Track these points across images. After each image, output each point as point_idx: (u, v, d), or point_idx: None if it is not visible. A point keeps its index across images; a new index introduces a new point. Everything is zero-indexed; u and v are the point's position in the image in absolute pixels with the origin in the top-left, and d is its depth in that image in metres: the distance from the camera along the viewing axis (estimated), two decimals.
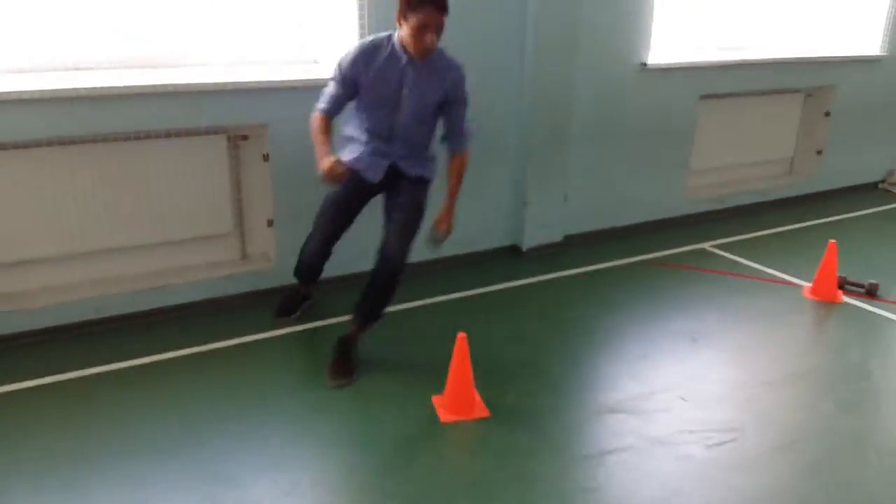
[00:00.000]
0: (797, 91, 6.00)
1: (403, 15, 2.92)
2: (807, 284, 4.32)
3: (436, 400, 3.00)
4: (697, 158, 5.54)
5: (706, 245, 5.03)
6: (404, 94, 3.09)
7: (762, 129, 5.97)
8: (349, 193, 3.27)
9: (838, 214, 5.81)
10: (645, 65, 4.92)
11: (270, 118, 3.75)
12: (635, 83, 4.93)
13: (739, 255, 4.84)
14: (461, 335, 2.90)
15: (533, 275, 4.42)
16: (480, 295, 4.15)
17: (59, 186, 3.37)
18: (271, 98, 3.71)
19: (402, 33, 2.99)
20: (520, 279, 4.35)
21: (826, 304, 4.13)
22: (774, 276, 4.51)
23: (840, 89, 6.08)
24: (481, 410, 2.95)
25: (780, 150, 6.21)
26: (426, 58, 3.03)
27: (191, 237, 3.78)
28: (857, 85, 6.17)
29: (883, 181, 6.72)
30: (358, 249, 3.70)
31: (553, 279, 4.39)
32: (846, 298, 4.16)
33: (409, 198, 3.24)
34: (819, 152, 6.24)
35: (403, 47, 3.02)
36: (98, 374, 3.17)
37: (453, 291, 4.15)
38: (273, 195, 3.88)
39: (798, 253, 4.90)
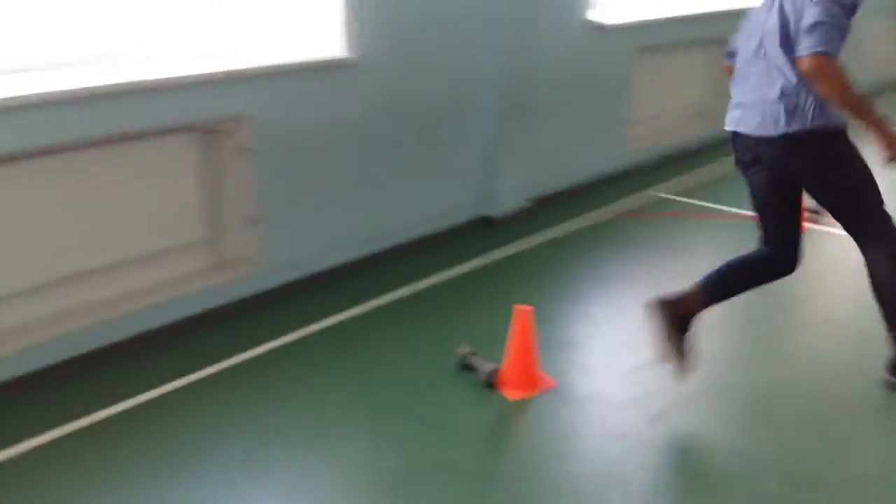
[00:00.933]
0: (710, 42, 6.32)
1: None
2: None
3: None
4: (636, 110, 5.72)
5: (661, 192, 5.23)
6: None
7: (687, 79, 6.26)
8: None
9: None
10: (588, 22, 4.99)
11: (250, 109, 3.45)
12: (580, 41, 4.99)
13: (698, 199, 5.07)
14: (523, 308, 2.83)
15: (511, 241, 4.40)
16: (492, 263, 4.09)
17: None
18: (250, 87, 3.42)
19: None
20: (508, 247, 4.33)
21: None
22: (738, 212, 4.77)
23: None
24: (546, 383, 2.91)
25: (695, 98, 6.54)
26: None
27: (161, 249, 3.42)
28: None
29: None
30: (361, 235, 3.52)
31: (534, 247, 4.39)
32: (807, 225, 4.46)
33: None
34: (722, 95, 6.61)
35: None
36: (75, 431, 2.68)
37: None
38: (257, 191, 3.59)
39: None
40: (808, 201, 2.81)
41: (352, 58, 3.77)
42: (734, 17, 6.27)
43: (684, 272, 3.88)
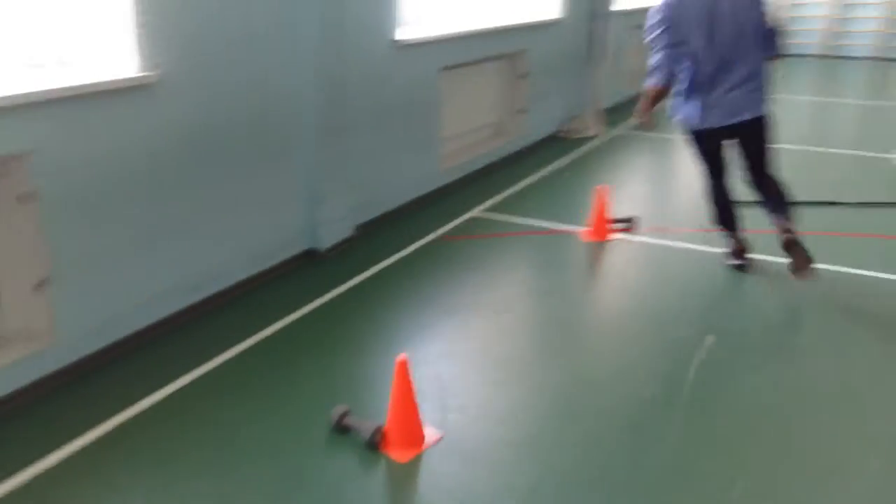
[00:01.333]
0: (501, 58, 6.50)
1: None
2: (580, 229, 4.78)
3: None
4: (445, 129, 5.68)
5: (475, 211, 5.22)
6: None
7: (484, 95, 6.37)
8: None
9: (560, 158, 6.52)
10: (396, 41, 4.82)
11: (28, 145, 2.76)
12: (389, 60, 4.80)
13: (510, 215, 5.13)
14: (401, 359, 2.55)
15: (343, 276, 4.08)
16: (327, 303, 3.71)
17: None
18: (28, 118, 2.74)
19: None
20: (340, 284, 4.00)
21: (601, 244, 4.60)
22: (551, 227, 4.89)
23: (530, 52, 6.75)
24: (433, 436, 2.65)
25: (492, 113, 6.70)
26: None
27: None
28: (543, 46, 6.92)
29: (559, 131, 7.70)
30: None
31: (367, 279, 4.12)
32: (616, 235, 4.70)
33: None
34: (521, 111, 6.87)
35: None
36: None
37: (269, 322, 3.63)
38: (43, 245, 2.89)
39: (551, 202, 5.43)
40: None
41: (149, 78, 3.20)
42: (528, 31, 6.69)
43: (520, 293, 3.95)
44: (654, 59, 3.75)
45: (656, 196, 5.16)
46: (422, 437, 2.61)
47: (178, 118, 3.39)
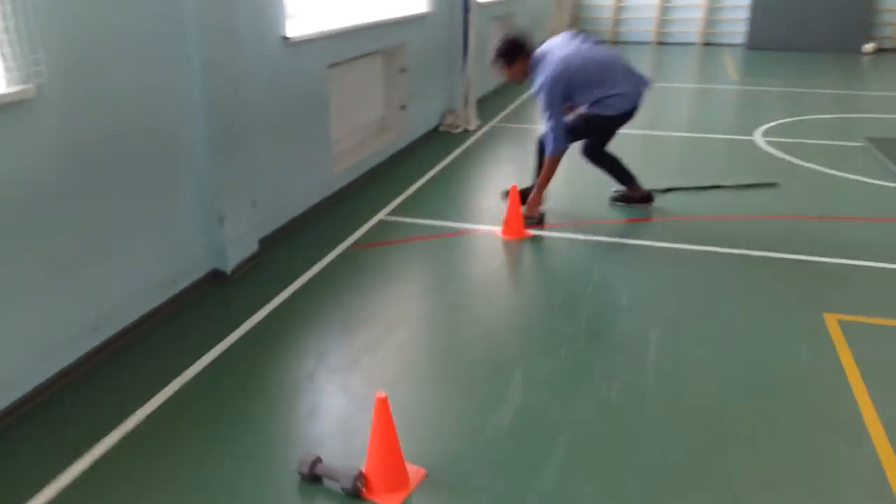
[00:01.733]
0: (381, 53, 6.27)
1: None
2: (494, 227, 4.70)
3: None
4: (336, 129, 5.38)
5: (381, 215, 4.99)
6: None
7: (366, 93, 6.11)
8: None
9: (451, 153, 6.40)
10: (286, 38, 4.46)
11: None
12: (280, 58, 4.44)
13: (417, 217, 4.95)
14: (381, 397, 2.30)
15: (256, 301, 3.73)
16: (247, 336, 3.33)
17: None
18: None
19: None
20: (254, 309, 3.64)
21: (519, 241, 4.56)
22: (463, 228, 4.78)
23: (407, 46, 6.57)
24: (416, 474, 2.44)
25: (375, 111, 6.46)
26: (518, 83, 4.92)
27: None
28: (418, 40, 6.76)
29: (440, 124, 7.61)
30: None
31: (287, 301, 3.78)
32: (531, 231, 4.67)
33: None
34: (402, 107, 6.69)
35: None
36: None
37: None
38: None
39: (453, 201, 5.32)
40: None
41: (24, 93, 2.69)
42: (404, 25, 6.49)
43: (459, 300, 3.77)
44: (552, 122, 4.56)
45: (559, 188, 5.20)
46: (406, 477, 2.39)
47: (60, 138, 2.89)
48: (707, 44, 15.33)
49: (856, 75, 11.66)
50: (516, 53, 4.66)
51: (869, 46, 13.79)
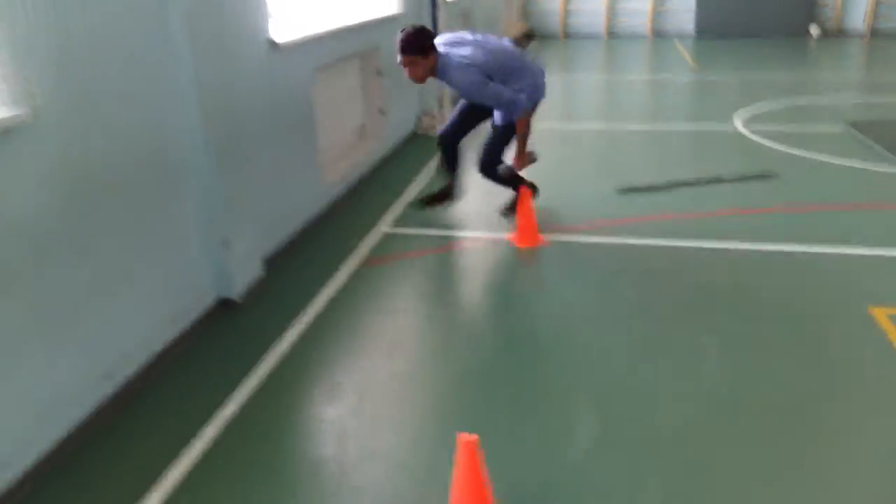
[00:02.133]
0: (358, 56, 5.98)
1: None
2: (505, 235, 4.49)
3: None
4: (323, 138, 5.08)
5: (383, 227, 4.72)
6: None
7: (347, 98, 5.82)
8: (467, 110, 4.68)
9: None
10: (275, 43, 4.15)
11: None
12: (267, 64, 4.12)
13: (420, 227, 4.70)
14: (468, 439, 2.06)
15: (269, 335, 3.42)
16: (261, 386, 3.02)
17: None
18: None
19: None
20: (269, 344, 3.33)
21: (534, 249, 4.35)
22: (474, 237, 4.55)
23: (382, 48, 6.29)
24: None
25: (356, 117, 6.16)
26: (420, 83, 4.28)
27: None
28: (391, 42, 6.48)
29: (417, 128, 7.36)
30: None
31: (308, 331, 3.49)
32: (547, 237, 4.47)
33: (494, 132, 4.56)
34: (382, 112, 6.41)
35: None
36: None
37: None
38: None
39: (453, 208, 5.09)
40: None
41: (19, 118, 2.34)
42: (378, 27, 6.21)
43: (492, 319, 3.54)
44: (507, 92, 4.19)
45: (559, 189, 5.04)
46: None
47: (57, 166, 2.55)
48: (657, 35, 15.48)
49: (810, 59, 11.90)
50: (430, 46, 4.06)
51: (815, 31, 14.14)
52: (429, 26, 7.38)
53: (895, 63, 11.20)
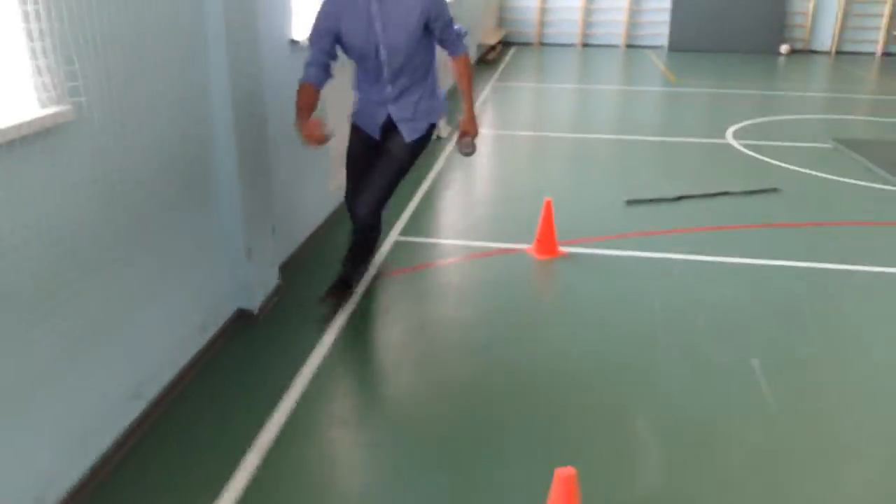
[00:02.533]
0: None
1: None
2: (524, 246, 4.39)
3: None
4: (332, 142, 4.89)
5: (394, 236, 4.57)
6: (378, 30, 3.05)
7: (339, 98, 5.63)
8: (359, 149, 3.44)
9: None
10: (295, 42, 3.97)
11: None
12: (290, 64, 3.94)
13: (430, 237, 4.58)
14: (566, 473, 1.94)
15: (296, 353, 3.25)
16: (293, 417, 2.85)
17: None
18: None
19: None
20: (298, 367, 3.15)
21: (554, 260, 4.26)
22: (491, 247, 4.44)
23: None
24: None
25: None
26: None
27: None
28: None
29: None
30: None
31: (334, 347, 3.32)
32: (564, 248, 4.38)
33: (391, 153, 3.32)
34: None
35: None
36: None
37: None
38: None
39: (461, 217, 4.97)
40: None
41: (62, 116, 2.13)
42: None
43: (522, 336, 3.32)
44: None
45: (568, 198, 4.97)
46: None
47: (97, 169, 2.33)
48: (630, 45, 15.64)
49: (783, 76, 12.16)
50: None
51: (785, 48, 14.48)
52: None
53: (863, 82, 11.53)
